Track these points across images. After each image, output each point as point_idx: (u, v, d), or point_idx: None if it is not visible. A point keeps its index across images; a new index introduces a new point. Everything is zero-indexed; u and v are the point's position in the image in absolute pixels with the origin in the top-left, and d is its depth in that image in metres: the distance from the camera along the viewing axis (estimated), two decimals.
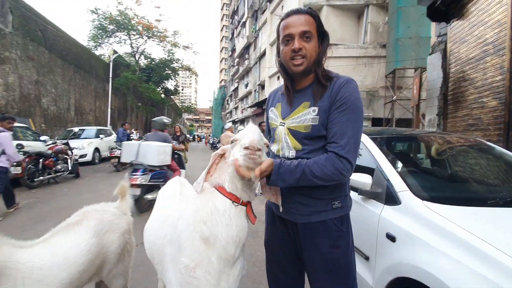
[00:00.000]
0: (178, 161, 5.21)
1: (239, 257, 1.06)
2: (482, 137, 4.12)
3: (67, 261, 1.05)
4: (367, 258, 1.69)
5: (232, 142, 1.05)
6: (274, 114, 1.20)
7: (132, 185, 3.93)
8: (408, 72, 11.29)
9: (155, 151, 4.18)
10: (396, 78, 10.79)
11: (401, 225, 1.46)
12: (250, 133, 0.99)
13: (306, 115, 1.06)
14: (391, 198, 1.60)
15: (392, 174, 1.68)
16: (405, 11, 10.11)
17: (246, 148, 0.94)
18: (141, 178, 4.03)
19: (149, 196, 4.14)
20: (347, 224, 1.12)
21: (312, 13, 1.05)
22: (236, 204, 1.02)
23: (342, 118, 1.00)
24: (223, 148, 1.10)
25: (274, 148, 1.18)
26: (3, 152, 3.99)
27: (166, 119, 5.27)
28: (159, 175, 4.27)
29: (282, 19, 1.09)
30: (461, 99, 5.07)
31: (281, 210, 1.12)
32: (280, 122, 1.15)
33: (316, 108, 1.04)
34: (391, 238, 1.48)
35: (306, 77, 1.10)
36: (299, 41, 1.02)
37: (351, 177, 1.14)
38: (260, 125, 6.15)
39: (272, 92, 1.29)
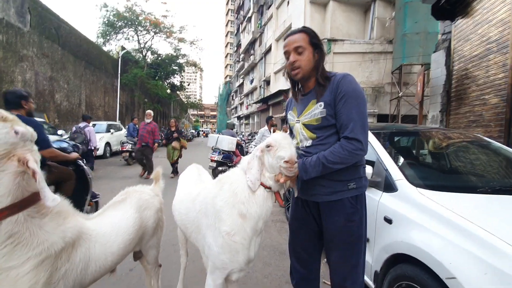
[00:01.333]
0: (240, 150, 7.62)
1: (262, 228, 1.38)
2: (483, 134, 4.25)
3: (120, 230, 1.30)
4: (367, 240, 1.90)
5: (268, 147, 1.27)
6: (291, 116, 1.47)
7: (211, 160, 6.62)
8: (414, 68, 11.20)
9: (227, 141, 6.72)
10: (403, 74, 10.74)
11: (397, 209, 1.66)
12: (287, 146, 1.24)
13: (315, 110, 1.30)
14: (389, 186, 1.81)
15: (391, 165, 1.88)
16: (412, 6, 9.92)
17: (286, 162, 1.19)
18: (217, 157, 6.62)
19: (220, 168, 6.59)
20: (361, 202, 1.33)
21: (305, 30, 1.31)
22: (268, 190, 1.30)
23: (346, 108, 1.22)
24: (261, 150, 1.32)
25: (294, 141, 1.42)
26: (90, 140, 6.27)
27: (235, 122, 8.33)
28: (228, 157, 6.76)
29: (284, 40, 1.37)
30: (463, 96, 5.18)
31: (296, 195, 1.40)
32: (296, 120, 1.41)
33: (322, 103, 1.27)
34: (388, 220, 1.69)
35: (309, 82, 1.34)
36: (293, 56, 1.28)
37: None
38: (268, 120, 6.35)
39: (289, 99, 1.56)
